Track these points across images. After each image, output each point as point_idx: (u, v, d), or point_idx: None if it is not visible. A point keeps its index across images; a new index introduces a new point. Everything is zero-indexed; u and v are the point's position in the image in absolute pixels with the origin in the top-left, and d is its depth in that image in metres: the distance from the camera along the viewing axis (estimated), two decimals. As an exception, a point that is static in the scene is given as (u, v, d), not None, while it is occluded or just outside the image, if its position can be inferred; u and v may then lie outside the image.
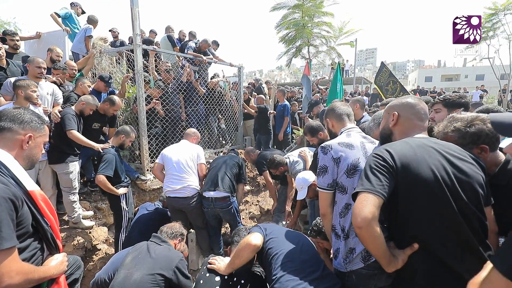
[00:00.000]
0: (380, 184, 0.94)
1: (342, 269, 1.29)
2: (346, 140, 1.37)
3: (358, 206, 0.93)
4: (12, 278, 0.89)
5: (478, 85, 15.32)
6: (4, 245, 0.87)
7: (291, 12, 8.06)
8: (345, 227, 1.28)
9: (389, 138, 1.20)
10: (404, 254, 0.99)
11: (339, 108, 1.55)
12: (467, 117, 1.17)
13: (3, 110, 1.09)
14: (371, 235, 0.91)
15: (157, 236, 1.74)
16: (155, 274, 1.43)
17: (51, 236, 1.09)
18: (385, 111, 1.25)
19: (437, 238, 0.96)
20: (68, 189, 2.73)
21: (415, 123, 1.14)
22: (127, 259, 1.55)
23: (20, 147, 1.07)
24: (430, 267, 0.97)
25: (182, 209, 2.70)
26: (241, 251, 1.42)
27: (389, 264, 0.98)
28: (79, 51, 4.51)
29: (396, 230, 1.06)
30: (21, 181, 1.01)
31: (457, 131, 1.15)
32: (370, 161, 1.02)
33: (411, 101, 1.17)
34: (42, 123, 1.15)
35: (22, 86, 2.35)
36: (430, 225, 0.96)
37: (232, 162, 2.90)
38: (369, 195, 0.93)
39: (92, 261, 2.89)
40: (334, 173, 1.31)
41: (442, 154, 1.00)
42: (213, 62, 4.90)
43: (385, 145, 1.07)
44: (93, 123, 2.99)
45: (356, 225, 0.92)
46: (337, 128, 1.54)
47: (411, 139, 1.08)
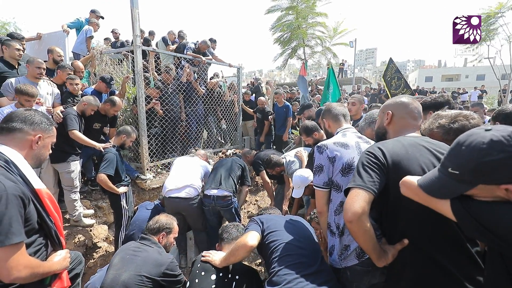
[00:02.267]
0: (371, 180, 0.97)
1: (337, 266, 1.33)
2: (341, 140, 1.40)
3: (349, 201, 0.96)
4: (20, 271, 0.93)
5: (479, 85, 15.34)
6: (14, 240, 0.91)
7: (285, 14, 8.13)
8: (340, 225, 1.31)
9: (383, 136, 1.23)
10: (394, 249, 1.02)
11: (335, 108, 1.59)
12: (451, 114, 1.20)
13: (15, 112, 1.14)
14: (360, 229, 0.94)
15: (146, 238, 1.74)
16: (142, 276, 1.46)
17: (55, 233, 1.13)
18: (380, 110, 1.28)
19: (425, 234, 0.99)
20: (70, 187, 2.77)
21: (408, 122, 1.17)
22: (115, 259, 1.57)
23: (30, 147, 1.12)
24: (419, 263, 1.00)
25: (181, 211, 2.70)
26: (238, 250, 1.43)
27: (379, 259, 1.01)
28: (80, 52, 4.55)
29: (386, 226, 1.09)
30: (28, 179, 1.05)
31: (442, 128, 1.18)
32: (362, 158, 1.05)
33: (405, 100, 1.20)
34: (50, 124, 1.20)
35: (18, 91, 2.38)
36: (419, 222, 0.99)
37: (236, 165, 2.96)
38: (360, 190, 0.95)
39: (93, 258, 2.93)
40: (330, 172, 1.34)
41: (432, 153, 1.03)
42: (212, 62, 4.93)
43: (377, 143, 1.10)
44: (94, 123, 3.03)
45: (346, 219, 0.95)
46: (333, 128, 1.58)
47: (403, 138, 1.10)
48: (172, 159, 4.00)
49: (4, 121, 1.11)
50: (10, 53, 2.91)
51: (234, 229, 1.75)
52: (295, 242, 1.40)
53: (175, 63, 4.80)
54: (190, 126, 4.31)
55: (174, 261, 1.64)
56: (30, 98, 2.39)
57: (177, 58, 4.69)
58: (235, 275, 1.47)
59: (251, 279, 1.51)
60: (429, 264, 0.98)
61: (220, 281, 1.45)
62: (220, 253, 1.57)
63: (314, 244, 1.48)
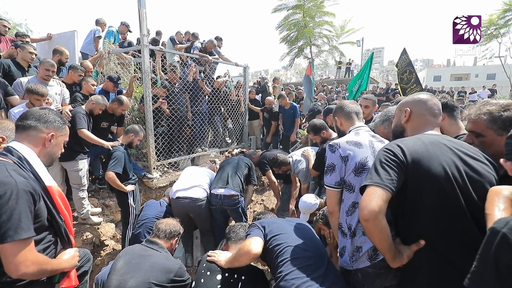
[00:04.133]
0: (389, 178, 0.93)
1: (348, 267, 1.29)
2: (354, 138, 1.36)
3: (365, 199, 0.92)
4: (28, 267, 0.93)
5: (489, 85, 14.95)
6: (23, 235, 0.91)
7: (292, 13, 8.09)
8: (351, 226, 1.28)
9: (401, 135, 1.18)
10: (410, 250, 0.99)
11: (347, 106, 1.54)
12: (502, 103, 1.12)
13: (31, 110, 1.17)
14: (377, 228, 0.91)
15: (154, 242, 1.68)
16: (150, 283, 1.40)
17: (65, 230, 1.14)
18: (397, 109, 1.24)
19: (443, 236, 0.95)
20: (78, 186, 2.79)
21: (428, 119, 1.12)
22: (119, 264, 1.51)
23: (43, 144, 1.14)
24: (435, 264, 0.96)
25: (189, 212, 2.69)
26: (241, 257, 1.40)
27: (394, 259, 0.98)
28: (88, 52, 4.63)
29: (402, 226, 1.05)
30: (40, 176, 1.06)
31: (489, 114, 1.08)
32: (380, 155, 1.01)
33: (423, 97, 1.16)
34: (63, 123, 1.22)
35: (29, 91, 2.43)
36: (438, 222, 0.95)
37: (243, 164, 2.94)
38: (377, 188, 0.92)
39: (100, 256, 2.95)
40: (342, 172, 1.30)
41: (454, 152, 0.98)
42: (218, 62, 4.93)
43: (396, 141, 1.05)
44: (102, 122, 3.06)
45: (362, 217, 0.91)
46: (346, 126, 1.53)
47: (423, 136, 1.06)
48: (179, 158, 4.02)
49: (20, 119, 1.13)
50: (23, 56, 2.99)
51: (241, 229, 1.73)
52: (300, 245, 1.37)
53: (180, 61, 4.82)
54: (196, 125, 4.31)
55: (183, 266, 1.61)
56: (40, 98, 2.43)
57: (183, 57, 4.71)
58: (241, 276, 1.45)
59: (257, 280, 1.49)
60: (446, 266, 0.95)
61: (225, 281, 1.43)
62: (226, 253, 1.55)
63: (319, 246, 1.45)
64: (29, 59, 3.00)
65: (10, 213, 0.89)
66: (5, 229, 0.89)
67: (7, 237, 0.89)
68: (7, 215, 0.89)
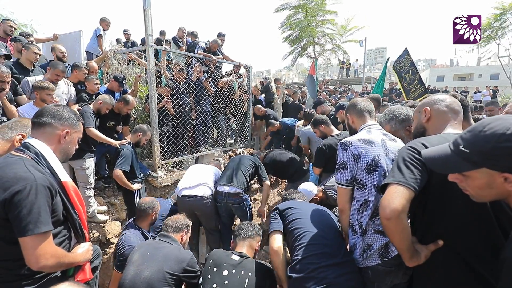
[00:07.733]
0: (412, 177, 0.91)
1: (358, 264, 1.30)
2: (366, 136, 1.36)
3: (387, 197, 0.90)
4: (47, 259, 0.95)
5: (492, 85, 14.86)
6: (43, 229, 0.93)
7: (295, 12, 8.08)
8: (362, 223, 1.28)
9: (422, 136, 1.16)
10: (428, 250, 0.97)
11: (360, 104, 1.53)
12: None
13: (46, 107, 1.19)
14: (398, 228, 0.89)
15: (166, 235, 1.76)
16: (165, 272, 1.46)
17: (79, 225, 1.15)
18: (416, 111, 1.22)
19: (462, 238, 0.93)
20: (84, 184, 2.82)
21: (450, 116, 1.11)
22: (134, 256, 1.57)
23: (58, 141, 1.15)
24: (452, 265, 0.95)
25: (195, 210, 2.70)
26: (273, 260, 1.48)
27: (411, 259, 0.97)
28: (93, 51, 4.66)
29: (420, 225, 1.04)
30: (56, 172, 1.08)
31: None
32: (404, 153, 0.98)
33: (441, 96, 1.17)
34: (78, 120, 1.24)
35: (39, 88, 2.44)
36: (461, 225, 0.92)
37: (249, 162, 2.94)
38: (400, 187, 0.90)
39: (106, 254, 2.97)
40: (354, 170, 1.30)
41: None
42: (222, 61, 4.95)
43: (420, 138, 1.03)
44: (108, 122, 3.08)
45: (384, 216, 0.90)
46: (358, 124, 1.52)
47: (448, 134, 1.03)
48: (183, 157, 4.03)
49: (36, 116, 1.15)
50: (27, 56, 2.97)
51: (250, 228, 1.74)
52: (319, 231, 1.41)
53: (185, 62, 4.85)
54: (200, 125, 4.33)
55: (194, 257, 1.65)
56: (50, 92, 2.45)
57: (188, 57, 4.73)
58: (248, 272, 1.47)
59: (265, 278, 1.50)
60: (463, 268, 0.93)
61: (232, 277, 1.44)
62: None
63: (338, 234, 1.48)
64: (33, 59, 2.99)
65: (30, 207, 0.91)
66: (26, 223, 0.91)
67: (28, 231, 0.91)
68: (27, 209, 0.91)
